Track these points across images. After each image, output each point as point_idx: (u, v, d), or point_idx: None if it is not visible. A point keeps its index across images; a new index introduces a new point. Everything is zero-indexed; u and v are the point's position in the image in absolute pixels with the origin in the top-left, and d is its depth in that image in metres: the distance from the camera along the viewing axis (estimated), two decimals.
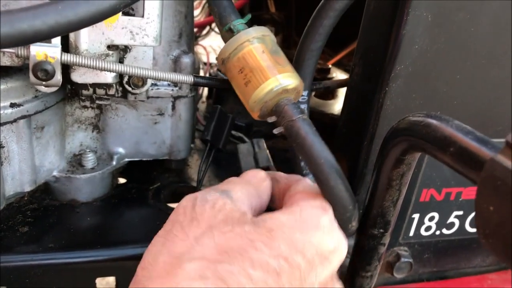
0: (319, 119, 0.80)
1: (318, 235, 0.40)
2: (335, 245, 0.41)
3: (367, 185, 0.52)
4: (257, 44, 0.47)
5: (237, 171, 0.62)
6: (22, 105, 0.52)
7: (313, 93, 0.85)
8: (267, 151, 0.67)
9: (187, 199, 0.42)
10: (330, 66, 0.89)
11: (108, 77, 0.52)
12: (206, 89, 0.95)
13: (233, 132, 0.81)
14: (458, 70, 0.54)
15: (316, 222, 0.41)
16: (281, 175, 0.50)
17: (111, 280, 0.57)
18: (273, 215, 0.40)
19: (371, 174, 0.49)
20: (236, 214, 0.40)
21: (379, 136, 0.55)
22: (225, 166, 0.75)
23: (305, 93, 0.53)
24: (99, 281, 0.56)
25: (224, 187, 0.44)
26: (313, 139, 0.44)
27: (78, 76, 0.51)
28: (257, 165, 0.64)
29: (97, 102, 0.58)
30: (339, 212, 0.45)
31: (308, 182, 0.47)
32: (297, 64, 0.51)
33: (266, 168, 0.63)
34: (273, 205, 0.51)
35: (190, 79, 0.51)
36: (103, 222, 0.61)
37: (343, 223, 0.45)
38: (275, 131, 0.48)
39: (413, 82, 0.53)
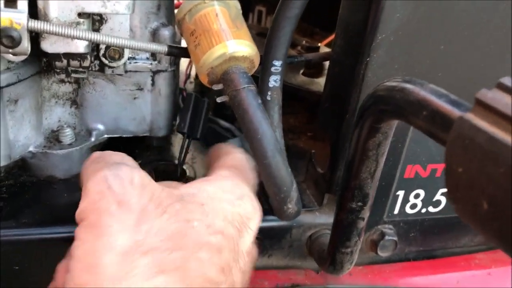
0: (306, 97, 0.79)
1: (242, 204, 0.40)
2: (254, 213, 0.41)
3: None
4: (215, 7, 0.46)
5: None
6: None
7: (301, 71, 0.83)
8: None
9: (97, 181, 0.36)
10: (319, 44, 0.88)
11: (80, 46, 0.50)
12: (194, 69, 0.93)
13: (222, 122, 0.78)
14: (442, 40, 0.52)
15: (240, 192, 0.40)
16: (222, 146, 0.51)
17: None
18: (200, 186, 0.39)
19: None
20: (156, 188, 0.37)
21: None
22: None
23: (278, 63, 0.51)
24: None
25: (105, 160, 0.40)
26: (255, 111, 0.43)
27: (48, 45, 0.50)
28: None
29: (73, 75, 0.56)
30: (273, 191, 0.44)
31: (238, 156, 0.47)
32: (272, 32, 0.49)
33: None
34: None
35: (164, 48, 0.49)
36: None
37: (277, 204, 0.44)
38: (219, 99, 0.47)
39: (395, 52, 0.52)
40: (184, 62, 0.84)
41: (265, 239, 0.61)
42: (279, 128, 0.56)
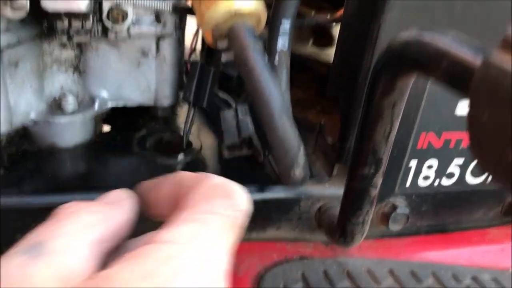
0: (314, 68, 0.76)
1: None
2: None
3: None
4: None
5: None
6: None
7: (311, 41, 0.81)
8: (249, 118, 0.63)
9: (13, 264, 0.27)
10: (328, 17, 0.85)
11: (81, 5, 0.48)
12: (199, 42, 0.91)
13: (220, 94, 0.77)
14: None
15: (170, 271, 0.25)
16: (186, 176, 0.34)
17: None
18: (112, 270, 0.25)
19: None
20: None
21: None
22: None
23: (287, 22, 0.49)
24: None
25: (42, 234, 0.29)
26: (261, 71, 0.41)
27: (48, 3, 0.48)
28: (239, 135, 0.61)
29: (75, 38, 0.54)
30: (279, 155, 0.41)
31: (205, 188, 0.32)
32: None
33: (248, 139, 0.59)
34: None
35: (168, 5, 0.47)
36: (85, 168, 0.59)
37: (284, 169, 0.42)
38: (223, 57, 0.45)
39: (410, 13, 0.49)
40: (188, 37, 0.82)
41: (273, 211, 0.59)
42: (286, 94, 0.54)
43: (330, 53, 0.78)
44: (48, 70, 0.58)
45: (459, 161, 0.61)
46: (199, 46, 0.94)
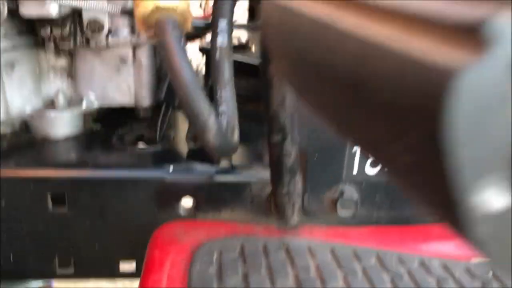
0: None
1: None
2: None
3: None
4: None
5: None
6: None
7: None
8: None
9: None
10: None
11: (51, 10, 0.60)
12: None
13: None
14: None
15: None
16: None
17: None
18: None
19: None
20: None
21: None
22: None
23: (224, 21, 0.57)
24: None
25: None
26: (175, 49, 0.49)
27: (24, 10, 0.60)
28: None
29: (61, 45, 0.66)
30: (193, 121, 0.48)
31: None
32: None
33: None
34: None
35: (117, 7, 0.58)
36: (72, 155, 0.69)
37: (199, 136, 0.49)
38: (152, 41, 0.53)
39: None
40: None
41: (227, 194, 0.65)
42: (229, 84, 0.61)
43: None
44: (46, 75, 0.71)
45: None
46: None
